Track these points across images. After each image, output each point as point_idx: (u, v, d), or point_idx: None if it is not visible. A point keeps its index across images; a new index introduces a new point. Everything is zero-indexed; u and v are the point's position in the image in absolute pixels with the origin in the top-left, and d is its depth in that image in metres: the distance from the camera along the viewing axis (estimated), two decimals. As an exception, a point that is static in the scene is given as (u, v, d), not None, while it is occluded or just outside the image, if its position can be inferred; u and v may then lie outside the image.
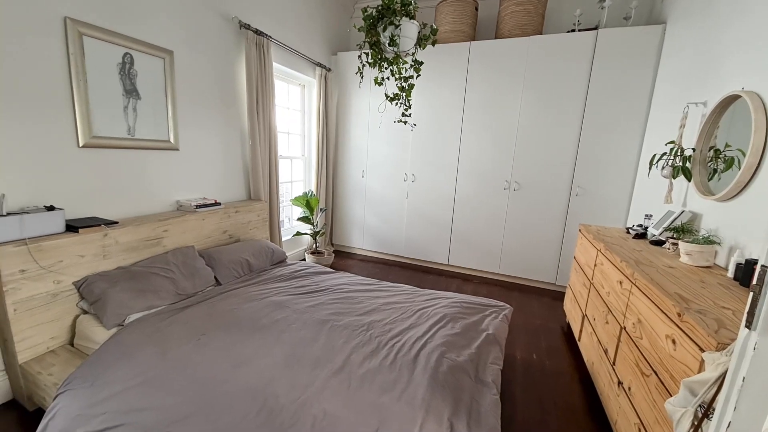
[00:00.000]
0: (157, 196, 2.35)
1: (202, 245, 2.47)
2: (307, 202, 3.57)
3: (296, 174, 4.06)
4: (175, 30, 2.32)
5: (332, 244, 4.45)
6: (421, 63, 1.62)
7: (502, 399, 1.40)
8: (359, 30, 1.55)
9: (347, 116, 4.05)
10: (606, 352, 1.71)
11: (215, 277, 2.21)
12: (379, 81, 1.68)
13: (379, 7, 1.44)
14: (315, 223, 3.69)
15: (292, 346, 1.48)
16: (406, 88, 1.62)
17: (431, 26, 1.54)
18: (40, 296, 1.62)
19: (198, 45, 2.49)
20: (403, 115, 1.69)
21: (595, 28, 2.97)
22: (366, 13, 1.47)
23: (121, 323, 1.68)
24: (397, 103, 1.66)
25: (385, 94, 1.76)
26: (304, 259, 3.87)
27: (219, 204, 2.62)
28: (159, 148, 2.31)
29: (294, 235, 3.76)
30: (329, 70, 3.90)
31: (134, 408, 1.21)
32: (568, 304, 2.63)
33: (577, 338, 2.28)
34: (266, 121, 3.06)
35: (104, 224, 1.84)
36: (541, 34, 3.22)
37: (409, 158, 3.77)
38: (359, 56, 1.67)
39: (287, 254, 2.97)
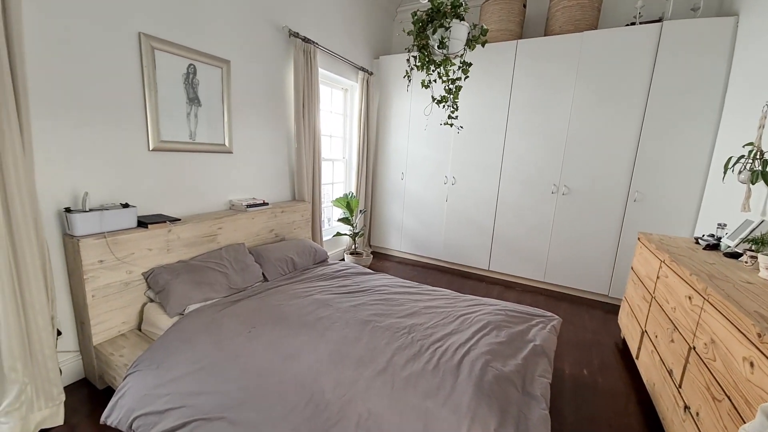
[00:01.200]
0: (213, 196, 2.52)
1: (251, 243, 2.61)
2: (347, 203, 3.64)
3: (337, 176, 4.17)
4: (232, 41, 2.48)
5: (370, 246, 4.51)
6: (470, 64, 1.59)
7: (550, 415, 1.33)
8: (408, 34, 1.56)
9: (388, 119, 4.08)
10: (671, 373, 1.56)
11: (263, 274, 2.33)
12: (426, 84, 1.67)
13: (429, 11, 1.44)
14: (354, 225, 3.76)
15: (336, 343, 1.52)
16: (454, 90, 1.61)
17: (481, 27, 1.51)
18: (114, 284, 1.80)
19: (251, 54, 2.64)
20: (450, 117, 1.68)
21: (659, 20, 2.75)
22: (416, 17, 1.48)
23: (182, 312, 1.82)
24: (444, 106, 1.65)
25: (432, 97, 1.75)
26: (343, 259, 3.95)
27: (267, 204, 2.75)
28: (215, 151, 2.48)
29: (334, 236, 3.85)
30: (371, 73, 3.96)
31: (194, 392, 1.30)
32: (624, 319, 2.45)
33: (634, 356, 2.11)
34: (311, 125, 3.18)
35: (169, 221, 2.01)
36: (596, 29, 3.04)
37: (450, 160, 3.73)
38: (407, 60, 1.68)
39: (328, 254, 3.05)
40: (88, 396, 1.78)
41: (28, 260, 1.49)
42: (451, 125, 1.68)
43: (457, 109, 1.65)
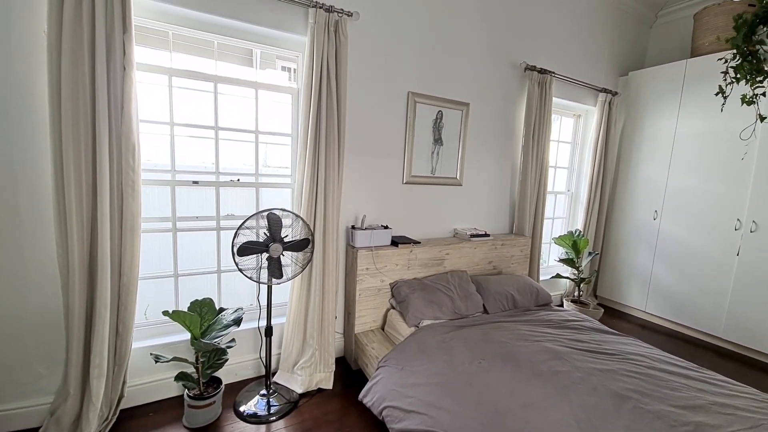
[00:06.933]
0: (442, 224, 2.79)
1: (471, 272, 2.69)
2: (573, 242, 3.19)
3: (558, 210, 3.76)
4: (471, 85, 2.72)
5: (596, 296, 3.74)
6: None
7: None
8: (726, 41, 1.21)
9: (637, 144, 3.36)
10: None
11: (483, 305, 2.33)
12: (748, 99, 1.23)
13: (764, 10, 1.06)
14: (580, 268, 3.23)
15: (584, 411, 1.28)
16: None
17: None
18: (372, 288, 2.26)
19: (487, 93, 2.81)
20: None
21: None
22: (740, 20, 1.12)
23: (417, 324, 2.06)
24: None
25: (759, 115, 1.27)
26: (561, 305, 3.45)
27: (488, 236, 2.78)
28: (449, 183, 2.75)
29: (552, 277, 3.44)
30: (615, 94, 3.40)
31: (433, 404, 1.40)
32: None
33: None
34: (539, 156, 3.03)
35: (412, 243, 2.36)
36: None
37: (747, 197, 2.61)
38: (724, 72, 1.30)
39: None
40: (344, 372, 2.26)
41: (330, 260, 2.10)
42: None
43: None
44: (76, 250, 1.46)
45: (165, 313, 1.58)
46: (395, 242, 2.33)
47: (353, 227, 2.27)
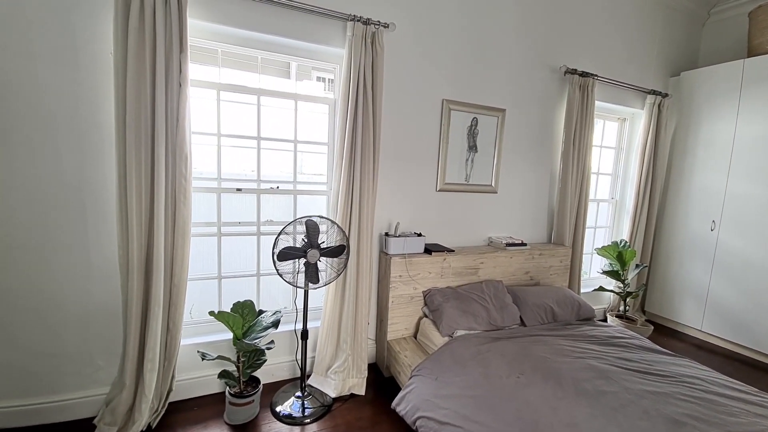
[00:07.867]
0: (475, 232, 2.73)
1: (507, 282, 2.60)
2: (619, 253, 3.00)
3: (600, 219, 3.56)
4: (509, 91, 2.67)
5: (644, 312, 3.49)
6: None
7: None
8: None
9: (691, 149, 3.12)
10: None
11: (520, 317, 2.25)
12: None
13: None
14: (626, 281, 3.03)
15: (635, 436, 1.20)
16: None
17: None
18: (404, 296, 2.25)
19: (524, 99, 2.74)
20: None
21: None
22: None
23: (451, 335, 2.02)
24: None
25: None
26: (605, 320, 3.25)
27: (525, 245, 2.69)
28: (483, 191, 2.70)
29: (594, 290, 3.25)
30: (666, 96, 3.20)
31: (469, 417, 1.37)
32: None
33: None
34: (580, 163, 2.90)
35: (446, 251, 2.34)
36: None
37: (824, 208, 2.35)
38: None
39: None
40: (376, 379, 2.25)
41: (364, 267, 2.12)
42: None
43: None
44: (136, 251, 1.59)
45: (211, 313, 1.67)
46: (428, 250, 2.32)
47: (387, 234, 2.28)
